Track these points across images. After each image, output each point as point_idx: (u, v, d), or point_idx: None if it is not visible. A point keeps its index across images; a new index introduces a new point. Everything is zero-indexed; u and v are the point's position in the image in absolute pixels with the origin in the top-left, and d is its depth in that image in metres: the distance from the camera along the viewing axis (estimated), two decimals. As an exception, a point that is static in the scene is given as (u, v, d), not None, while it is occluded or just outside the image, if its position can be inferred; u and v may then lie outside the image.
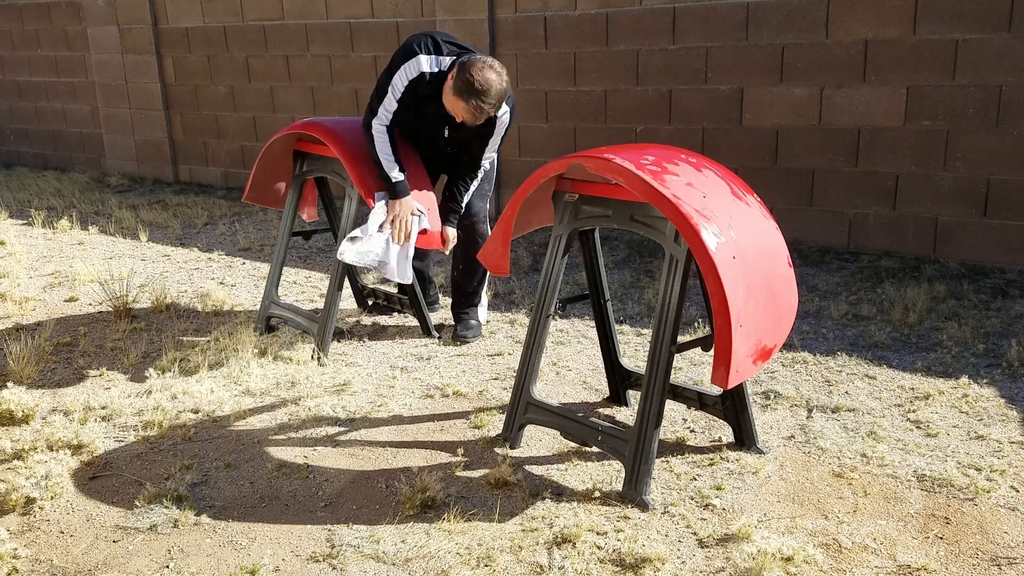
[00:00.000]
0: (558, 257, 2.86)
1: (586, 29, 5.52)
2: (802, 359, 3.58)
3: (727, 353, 2.35)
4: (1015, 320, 3.90)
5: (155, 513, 2.57)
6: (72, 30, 8.39)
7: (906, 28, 4.59)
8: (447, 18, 5.96)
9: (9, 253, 5.62)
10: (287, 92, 7.05)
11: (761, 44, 4.97)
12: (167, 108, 7.88)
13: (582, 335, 3.96)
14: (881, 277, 4.53)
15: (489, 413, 3.18)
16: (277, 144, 3.95)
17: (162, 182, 8.05)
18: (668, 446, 2.91)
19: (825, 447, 2.87)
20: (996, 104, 4.45)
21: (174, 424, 3.15)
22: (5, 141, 9.52)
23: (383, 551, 2.36)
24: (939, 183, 4.68)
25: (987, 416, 3.04)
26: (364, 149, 3.61)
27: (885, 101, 4.71)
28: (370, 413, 3.22)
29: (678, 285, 2.52)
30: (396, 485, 2.68)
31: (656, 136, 5.44)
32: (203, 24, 7.39)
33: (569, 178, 2.81)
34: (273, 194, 4.15)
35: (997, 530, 2.39)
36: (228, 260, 5.42)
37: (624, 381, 3.22)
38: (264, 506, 2.61)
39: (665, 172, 2.52)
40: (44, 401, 3.37)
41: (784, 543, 2.32)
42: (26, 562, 2.37)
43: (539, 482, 2.70)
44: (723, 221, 2.46)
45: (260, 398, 3.37)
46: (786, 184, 5.09)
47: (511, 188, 6.08)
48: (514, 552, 2.34)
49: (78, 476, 2.81)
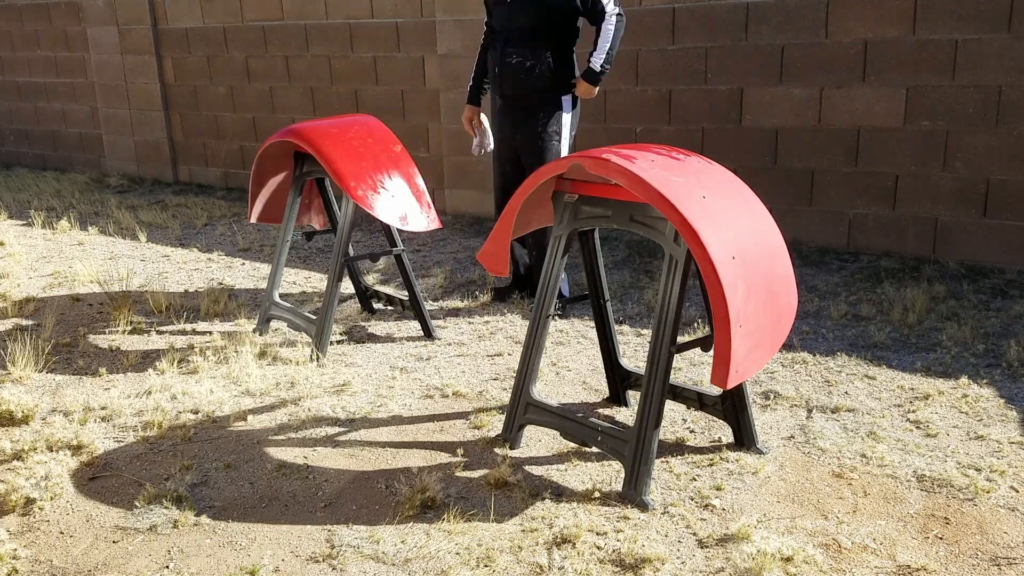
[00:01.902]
0: (557, 257, 2.86)
1: (585, 29, 5.51)
2: (802, 359, 3.58)
3: (727, 353, 2.35)
4: (1015, 320, 3.90)
5: (155, 513, 2.57)
6: (72, 30, 8.39)
7: (906, 28, 4.59)
8: (447, 18, 5.96)
9: (9, 254, 5.62)
10: (287, 92, 7.05)
11: (761, 44, 4.97)
12: (167, 109, 7.88)
13: (582, 335, 3.96)
14: (881, 277, 4.54)
15: (489, 413, 3.18)
16: (265, 160, 3.99)
17: (162, 183, 8.05)
18: (668, 446, 2.91)
19: (825, 447, 2.87)
20: (996, 104, 4.45)
21: (174, 424, 3.15)
22: (5, 142, 9.52)
23: (383, 551, 2.36)
24: (939, 183, 4.68)
25: (987, 416, 3.04)
26: (345, 146, 3.66)
27: (885, 101, 4.71)
28: (370, 413, 3.22)
29: (678, 285, 2.52)
30: (396, 485, 2.68)
31: (656, 136, 5.44)
32: (203, 24, 7.39)
33: (568, 178, 2.81)
34: (280, 210, 4.20)
35: (997, 530, 2.39)
36: (228, 261, 5.42)
37: (624, 381, 3.22)
38: (264, 506, 2.61)
39: (664, 172, 2.52)
40: (44, 401, 3.37)
41: (784, 543, 2.32)
42: (26, 562, 2.37)
43: (539, 482, 2.70)
44: (722, 221, 2.46)
45: (260, 398, 3.37)
46: (786, 184, 5.09)
47: (511, 188, 6.08)
48: (514, 552, 2.34)
49: (78, 476, 2.81)
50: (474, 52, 4.48)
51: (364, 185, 3.60)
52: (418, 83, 6.31)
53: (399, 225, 3.66)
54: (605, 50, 4.02)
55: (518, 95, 4.11)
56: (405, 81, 6.37)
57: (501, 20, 4.11)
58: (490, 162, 6.17)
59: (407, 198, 3.70)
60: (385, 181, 3.66)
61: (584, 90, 4.12)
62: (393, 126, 6.37)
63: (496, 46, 4.15)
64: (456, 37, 5.95)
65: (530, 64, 4.03)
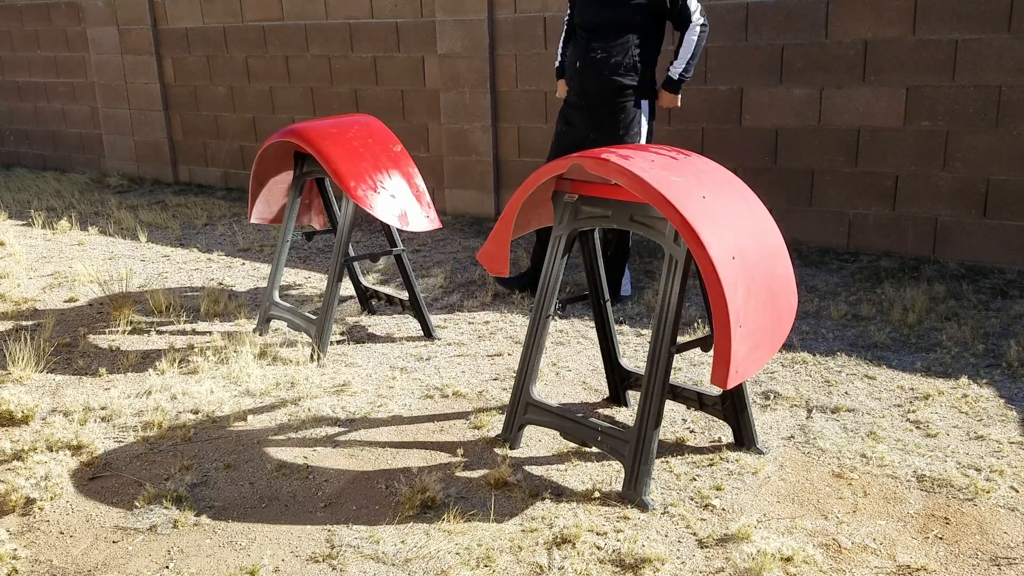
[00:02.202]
0: (557, 258, 2.86)
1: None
2: (802, 359, 3.58)
3: (726, 353, 2.35)
4: (1014, 320, 3.90)
5: (155, 514, 2.57)
6: (72, 31, 8.39)
7: (906, 28, 4.59)
8: (447, 18, 5.96)
9: (9, 254, 5.62)
10: (286, 93, 7.05)
11: (760, 44, 4.97)
12: (167, 109, 7.88)
13: (582, 335, 3.96)
14: (881, 277, 4.54)
15: (489, 413, 3.18)
16: (265, 160, 3.99)
17: (162, 183, 8.05)
18: (668, 446, 2.91)
19: (825, 447, 2.87)
20: (996, 104, 4.45)
21: (174, 425, 3.15)
22: (5, 142, 9.52)
23: (383, 551, 2.36)
24: (939, 183, 4.68)
25: (987, 416, 3.04)
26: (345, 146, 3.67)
27: (885, 101, 4.71)
28: (370, 413, 3.22)
29: (678, 285, 2.52)
30: (396, 485, 2.68)
31: (655, 136, 5.44)
32: (202, 25, 7.39)
33: (568, 178, 2.81)
34: (280, 210, 4.20)
35: (997, 530, 2.39)
36: (228, 261, 5.42)
37: (624, 381, 3.22)
38: (264, 506, 2.61)
39: (664, 172, 2.52)
40: (44, 402, 3.37)
41: (784, 543, 2.32)
42: (26, 563, 2.37)
43: (539, 482, 2.70)
44: (722, 221, 2.46)
45: (260, 398, 3.37)
46: (786, 184, 5.09)
47: (511, 188, 6.08)
48: (514, 552, 2.34)
49: (78, 477, 2.81)
50: (474, 53, 4.49)
51: (364, 185, 3.60)
52: (418, 83, 6.31)
53: (399, 225, 3.65)
54: (686, 60, 4.01)
55: (600, 91, 4.06)
56: (405, 81, 6.37)
57: (588, 14, 4.06)
58: (490, 162, 6.19)
59: (407, 198, 3.70)
60: (385, 181, 3.66)
61: (667, 100, 4.12)
62: (393, 126, 6.38)
63: (579, 41, 4.11)
64: (456, 37, 5.95)
65: (615, 60, 4.00)
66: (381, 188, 3.64)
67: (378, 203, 3.60)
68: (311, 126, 3.78)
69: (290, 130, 3.79)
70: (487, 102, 5.94)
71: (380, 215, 3.60)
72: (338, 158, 3.62)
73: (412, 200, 3.71)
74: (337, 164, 3.60)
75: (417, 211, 3.70)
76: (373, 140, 3.80)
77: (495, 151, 6.06)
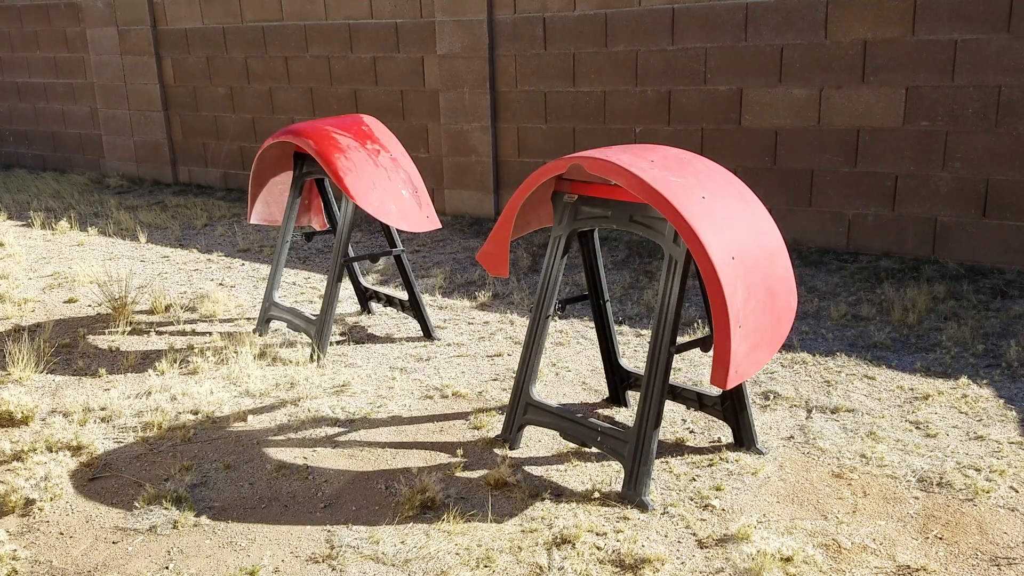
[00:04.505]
0: (557, 258, 2.86)
1: (585, 30, 5.52)
2: (801, 359, 3.58)
3: (726, 354, 2.35)
4: (1014, 320, 3.90)
5: (154, 514, 2.57)
6: (71, 31, 8.39)
7: (905, 29, 4.59)
8: (447, 19, 5.97)
9: (8, 254, 5.62)
10: (286, 93, 7.05)
11: (760, 45, 4.97)
12: (166, 109, 7.88)
13: (581, 336, 3.96)
14: (880, 278, 4.54)
15: (488, 414, 3.18)
16: (265, 160, 3.99)
17: (161, 183, 8.05)
18: (667, 447, 2.91)
19: (824, 447, 2.87)
20: (995, 105, 4.45)
21: (173, 425, 3.15)
22: (4, 142, 9.52)
23: (382, 552, 2.36)
24: (938, 184, 4.68)
25: (986, 416, 3.04)
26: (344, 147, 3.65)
27: (884, 102, 4.71)
28: (369, 414, 3.22)
29: (677, 286, 2.52)
30: (395, 486, 2.68)
31: (655, 137, 5.44)
32: (202, 25, 7.39)
33: (568, 179, 2.81)
34: (280, 211, 4.20)
35: (996, 530, 2.39)
36: (227, 261, 5.42)
37: (623, 382, 3.21)
38: (264, 507, 2.61)
39: (664, 172, 2.52)
40: (44, 402, 3.37)
41: (783, 543, 2.32)
42: (26, 563, 2.37)
43: (538, 483, 2.69)
44: (722, 222, 2.46)
45: (259, 399, 3.37)
46: (785, 185, 5.09)
47: (510, 189, 6.08)
48: (513, 553, 2.34)
49: (77, 477, 2.81)
50: (474, 53, 4.48)
51: (363, 186, 3.60)
52: (418, 83, 6.31)
53: (398, 225, 3.66)
54: None
55: None
56: (404, 82, 6.37)
57: None
58: (489, 163, 6.19)
59: (406, 198, 3.70)
60: (384, 182, 3.66)
61: None
62: (393, 126, 6.38)
63: None
64: (456, 38, 5.95)
65: None
66: (380, 188, 3.64)
67: (377, 203, 3.60)
68: (311, 127, 3.79)
69: (290, 131, 3.79)
70: (487, 102, 5.94)
71: (379, 216, 3.60)
72: (338, 159, 3.62)
73: (411, 200, 3.71)
74: (336, 165, 3.61)
75: (416, 212, 3.70)
76: (372, 140, 3.80)
77: (494, 151, 6.07)
